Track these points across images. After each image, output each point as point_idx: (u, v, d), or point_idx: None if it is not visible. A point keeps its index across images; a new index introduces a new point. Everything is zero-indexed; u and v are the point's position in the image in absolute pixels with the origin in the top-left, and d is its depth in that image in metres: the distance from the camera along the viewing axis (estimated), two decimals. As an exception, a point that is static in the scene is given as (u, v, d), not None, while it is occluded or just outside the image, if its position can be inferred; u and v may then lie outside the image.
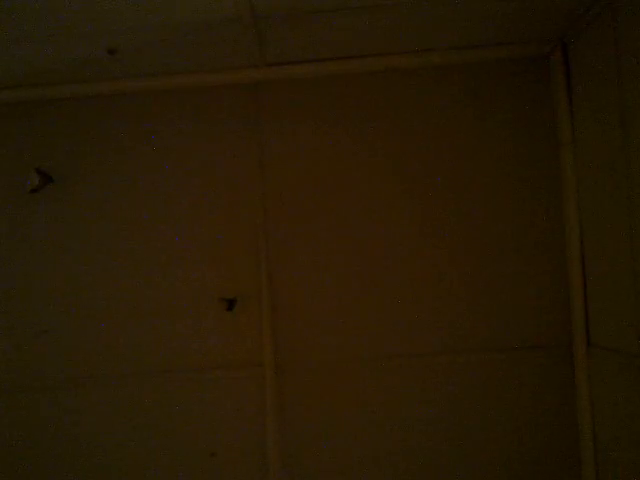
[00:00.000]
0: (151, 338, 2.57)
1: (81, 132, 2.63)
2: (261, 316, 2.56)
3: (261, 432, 2.53)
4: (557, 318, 2.52)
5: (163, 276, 2.58)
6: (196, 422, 2.55)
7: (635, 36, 1.96)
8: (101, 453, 2.55)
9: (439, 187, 2.57)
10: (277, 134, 2.61)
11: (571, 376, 2.49)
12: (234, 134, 2.62)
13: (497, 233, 2.56)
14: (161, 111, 2.62)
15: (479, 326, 2.54)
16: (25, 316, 2.59)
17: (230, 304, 2.56)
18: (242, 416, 2.55)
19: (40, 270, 2.59)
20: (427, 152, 2.58)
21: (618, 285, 2.16)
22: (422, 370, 2.54)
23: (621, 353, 2.15)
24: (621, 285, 2.13)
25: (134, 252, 2.59)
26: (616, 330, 2.19)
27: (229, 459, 2.55)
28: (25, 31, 2.09)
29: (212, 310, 2.57)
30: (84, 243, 2.60)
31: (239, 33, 2.23)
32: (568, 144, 2.47)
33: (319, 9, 2.10)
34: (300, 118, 2.61)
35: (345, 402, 2.54)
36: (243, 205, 2.60)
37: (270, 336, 2.54)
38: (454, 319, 2.54)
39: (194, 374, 2.56)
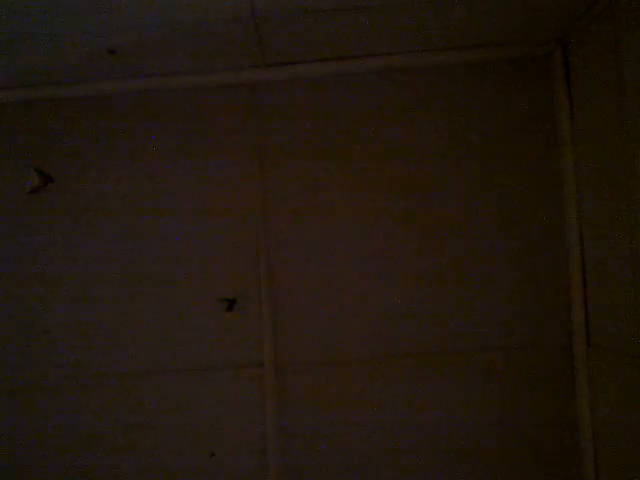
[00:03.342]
0: (151, 338, 2.57)
1: (81, 132, 2.63)
2: (261, 316, 2.56)
3: (261, 432, 2.53)
4: (557, 318, 2.53)
5: (163, 276, 2.58)
6: (196, 422, 2.55)
7: (635, 36, 1.96)
8: (101, 452, 2.55)
9: (439, 187, 2.57)
10: (277, 134, 2.61)
11: (571, 376, 2.49)
12: (234, 134, 2.62)
13: (497, 233, 2.56)
14: (161, 111, 2.63)
15: (479, 326, 2.54)
16: (26, 316, 2.59)
17: (230, 304, 2.56)
18: (242, 416, 2.55)
19: (40, 270, 2.59)
20: (427, 152, 2.58)
21: (618, 285, 2.16)
22: (422, 370, 2.54)
23: (621, 353, 2.15)
24: (621, 285, 2.13)
25: (134, 252, 2.59)
26: (616, 330, 2.19)
27: (229, 459, 2.55)
28: (25, 31, 2.09)
29: (212, 310, 2.57)
30: (84, 243, 2.60)
31: (239, 33, 2.23)
32: (568, 144, 2.48)
33: (319, 9, 2.10)
34: (300, 118, 2.61)
35: (345, 402, 2.54)
36: (243, 205, 2.60)
37: (270, 336, 2.54)
38: (454, 319, 2.54)
39: (194, 374, 2.56)
